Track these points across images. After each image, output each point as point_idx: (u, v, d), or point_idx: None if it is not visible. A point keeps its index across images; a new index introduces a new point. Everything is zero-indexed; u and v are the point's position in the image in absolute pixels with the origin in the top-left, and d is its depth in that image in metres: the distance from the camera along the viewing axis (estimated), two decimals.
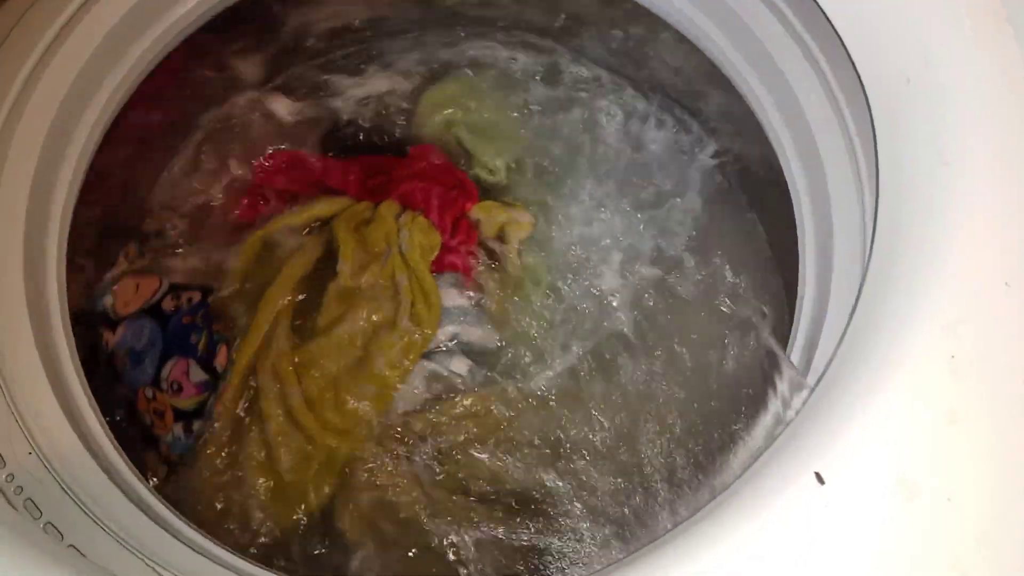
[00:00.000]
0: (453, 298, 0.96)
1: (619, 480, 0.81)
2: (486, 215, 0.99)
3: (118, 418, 0.83)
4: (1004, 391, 0.48)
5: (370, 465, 0.86)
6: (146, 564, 0.55)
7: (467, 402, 0.89)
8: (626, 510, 0.78)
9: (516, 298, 0.95)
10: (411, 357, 0.90)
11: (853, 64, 0.60)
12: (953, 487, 0.46)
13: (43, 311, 0.66)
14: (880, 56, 0.59)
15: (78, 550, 0.55)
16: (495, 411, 0.89)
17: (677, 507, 0.56)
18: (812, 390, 0.53)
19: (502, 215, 0.98)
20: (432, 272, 0.95)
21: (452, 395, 0.90)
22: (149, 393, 0.85)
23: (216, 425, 0.87)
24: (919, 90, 0.56)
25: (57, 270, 0.68)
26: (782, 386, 0.59)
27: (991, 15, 0.56)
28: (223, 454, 0.86)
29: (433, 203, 0.98)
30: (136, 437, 0.84)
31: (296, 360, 0.89)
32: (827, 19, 0.63)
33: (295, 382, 0.87)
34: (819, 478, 0.46)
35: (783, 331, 0.70)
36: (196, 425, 0.87)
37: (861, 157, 0.66)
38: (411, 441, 0.87)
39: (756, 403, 0.59)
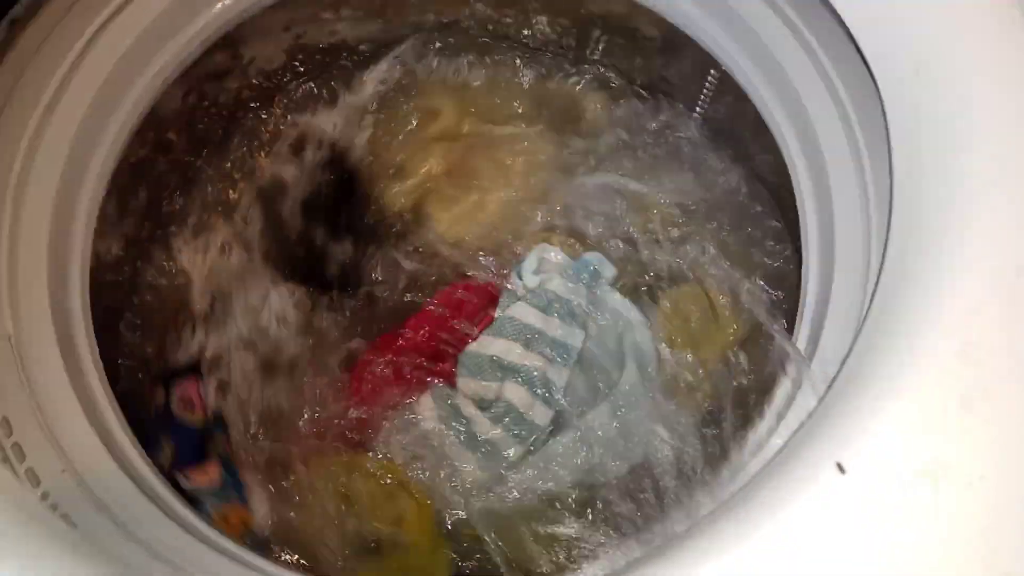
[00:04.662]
0: None
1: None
2: None
3: None
4: (1020, 376, 0.48)
5: None
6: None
7: None
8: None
9: None
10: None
11: (862, 54, 0.60)
12: (974, 473, 0.46)
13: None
14: (890, 45, 0.59)
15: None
16: None
17: (694, 502, 0.56)
18: (831, 383, 0.54)
19: None
20: None
21: None
22: None
23: None
24: (930, 79, 0.56)
25: (81, 273, 0.71)
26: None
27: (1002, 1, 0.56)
28: None
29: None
30: None
31: None
32: (831, 8, 0.63)
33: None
34: (840, 468, 0.46)
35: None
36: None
37: (864, 149, 0.66)
38: None
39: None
